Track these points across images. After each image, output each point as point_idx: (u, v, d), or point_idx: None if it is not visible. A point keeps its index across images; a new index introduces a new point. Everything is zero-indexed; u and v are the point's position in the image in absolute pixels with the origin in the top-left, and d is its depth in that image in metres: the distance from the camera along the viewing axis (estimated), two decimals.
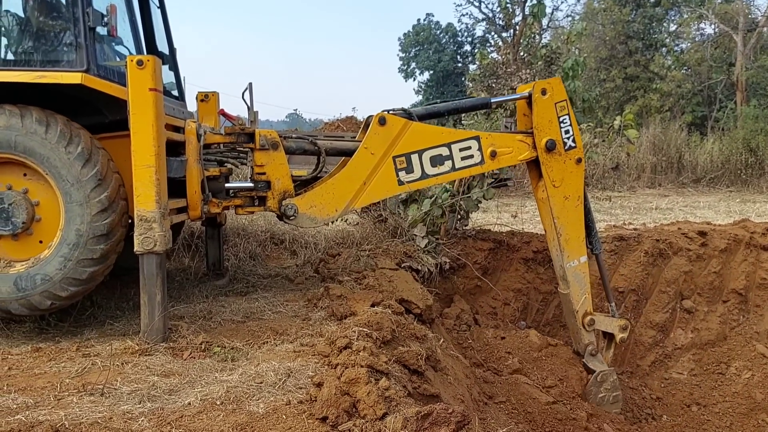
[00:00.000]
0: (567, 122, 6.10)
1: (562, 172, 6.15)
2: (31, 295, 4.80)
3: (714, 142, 22.49)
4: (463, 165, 5.91)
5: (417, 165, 5.77)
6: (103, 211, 4.81)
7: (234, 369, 4.24)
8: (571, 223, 6.28)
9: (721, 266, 8.65)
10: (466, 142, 5.89)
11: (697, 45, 35.38)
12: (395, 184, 5.79)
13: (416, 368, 4.52)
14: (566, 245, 6.29)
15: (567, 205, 6.23)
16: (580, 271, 6.39)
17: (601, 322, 6.64)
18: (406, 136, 5.73)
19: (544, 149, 6.05)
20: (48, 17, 5.21)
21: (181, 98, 6.62)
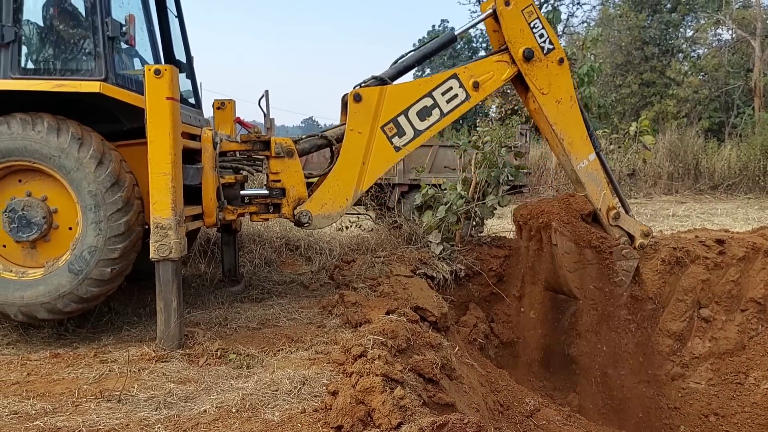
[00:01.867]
0: (539, 26, 5.92)
1: (547, 78, 6.00)
2: (54, 299, 4.85)
3: (731, 149, 22.28)
4: (451, 107, 5.87)
5: (407, 125, 5.75)
6: (119, 210, 4.85)
7: (249, 376, 4.25)
8: (570, 125, 6.13)
9: (740, 275, 8.55)
10: (445, 84, 5.83)
11: (714, 50, 35.09)
12: (393, 152, 5.78)
13: (431, 377, 4.50)
14: (571, 148, 6.15)
15: (561, 108, 6.09)
16: (592, 169, 6.24)
17: (626, 220, 6.44)
18: (385, 102, 5.68)
19: (523, 60, 5.89)
20: (67, 27, 5.28)
21: (198, 106, 6.67)
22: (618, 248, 6.31)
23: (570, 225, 6.18)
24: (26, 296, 4.86)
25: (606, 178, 6.44)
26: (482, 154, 8.18)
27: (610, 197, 6.33)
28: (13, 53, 4.96)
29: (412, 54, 6.08)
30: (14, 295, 4.87)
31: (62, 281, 4.86)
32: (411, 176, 11.96)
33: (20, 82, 4.91)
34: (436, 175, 11.62)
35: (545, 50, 5.96)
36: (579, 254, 6.20)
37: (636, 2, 34.80)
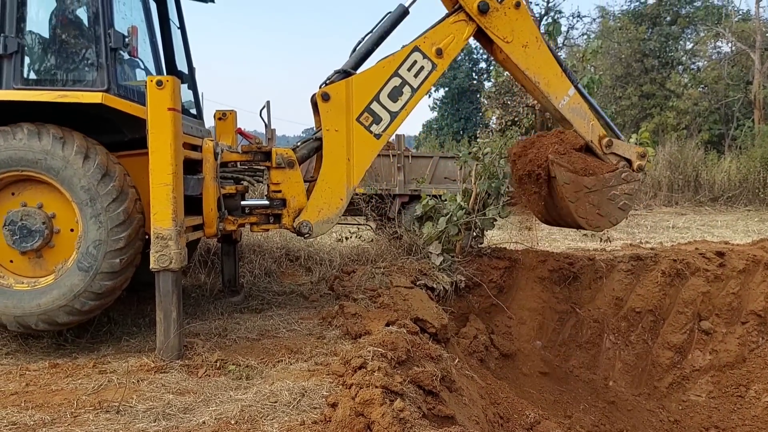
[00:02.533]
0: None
1: (508, 25, 5.90)
2: (50, 310, 4.84)
3: (731, 161, 22.32)
4: (420, 80, 5.78)
5: (381, 111, 5.70)
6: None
7: (248, 387, 4.24)
8: (542, 66, 6.05)
9: (740, 287, 8.55)
10: (409, 59, 5.75)
11: (714, 63, 35.24)
12: (374, 140, 5.74)
13: (431, 389, 4.49)
14: (549, 88, 6.07)
15: (529, 52, 5.99)
16: (574, 104, 6.17)
17: (619, 146, 6.37)
18: (354, 93, 5.63)
19: (479, 14, 5.79)
20: (70, 37, 5.30)
21: (199, 117, 6.69)
22: (617, 172, 6.19)
23: (566, 155, 6.10)
24: (42, 303, 4.85)
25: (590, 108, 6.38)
26: (482, 165, 8.20)
27: (599, 127, 6.29)
28: (15, 64, 4.98)
29: (369, 37, 5.96)
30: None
31: (74, 281, 4.85)
32: (411, 187, 11.98)
33: (23, 92, 4.93)
34: (436, 186, 11.64)
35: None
36: (578, 183, 6.08)
37: (636, 15, 34.99)
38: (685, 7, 35.81)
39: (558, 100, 6.11)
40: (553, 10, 32.34)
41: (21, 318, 4.87)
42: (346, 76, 5.73)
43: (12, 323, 4.91)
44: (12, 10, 4.98)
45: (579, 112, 6.19)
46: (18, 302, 4.86)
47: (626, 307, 8.34)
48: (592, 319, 8.24)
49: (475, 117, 42.63)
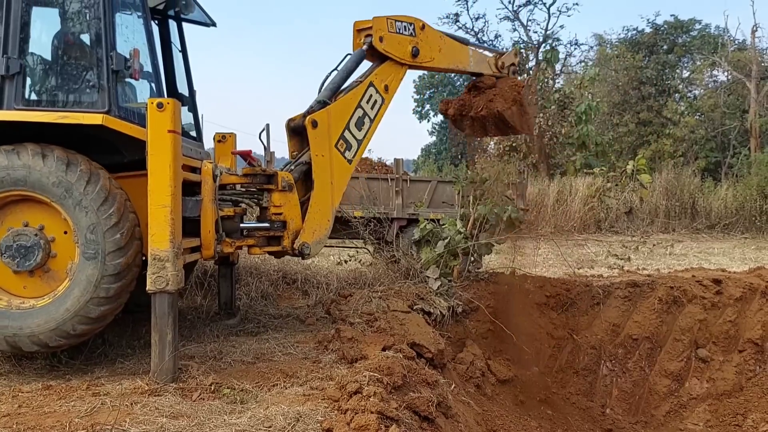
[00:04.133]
0: (401, 26, 6.50)
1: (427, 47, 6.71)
2: (42, 331, 4.81)
3: (728, 188, 22.40)
4: (375, 112, 6.39)
5: (350, 138, 6.19)
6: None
7: (243, 412, 4.21)
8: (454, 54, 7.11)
9: (737, 315, 8.53)
10: (367, 93, 6.31)
11: (711, 91, 35.52)
12: (347, 165, 6.22)
13: (427, 415, 4.47)
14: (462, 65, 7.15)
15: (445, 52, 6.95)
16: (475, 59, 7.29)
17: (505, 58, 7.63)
18: (332, 122, 6.04)
19: (413, 58, 6.57)
20: (72, 59, 5.34)
21: (199, 139, 6.72)
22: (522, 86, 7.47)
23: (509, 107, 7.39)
24: (34, 325, 4.82)
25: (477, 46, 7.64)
26: (480, 190, 8.22)
27: (491, 58, 7.55)
28: (17, 84, 5.01)
29: (336, 74, 6.38)
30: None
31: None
32: (410, 211, 11.99)
33: (24, 113, 4.95)
34: (434, 210, 11.64)
35: (414, 33, 6.60)
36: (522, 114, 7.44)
37: (633, 43, 35.36)
38: (682, 36, 36.20)
39: (468, 65, 7.29)
40: (551, 37, 32.70)
41: (12, 339, 4.84)
42: (324, 105, 6.09)
43: (1, 343, 4.87)
44: (15, 32, 5.02)
45: (480, 61, 7.42)
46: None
47: (623, 333, 8.31)
48: (589, 346, 8.21)
49: (473, 142, 42.83)
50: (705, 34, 35.93)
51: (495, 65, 7.54)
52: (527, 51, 30.63)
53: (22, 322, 4.84)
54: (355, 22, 6.48)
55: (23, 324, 4.83)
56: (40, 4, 5.35)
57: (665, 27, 35.69)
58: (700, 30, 36.32)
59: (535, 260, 11.36)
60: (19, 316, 4.86)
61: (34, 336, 4.84)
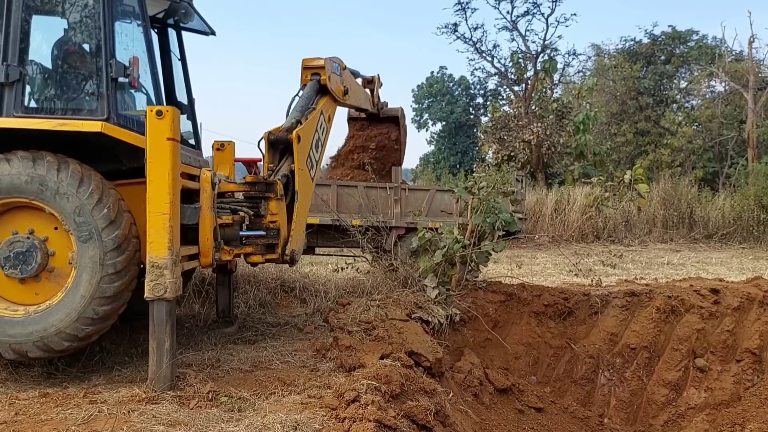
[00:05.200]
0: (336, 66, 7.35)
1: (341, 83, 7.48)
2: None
3: (725, 198, 22.44)
4: (324, 137, 6.98)
5: (313, 157, 6.65)
6: (116, 249, 4.85)
7: (240, 420, 4.20)
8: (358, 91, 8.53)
9: (735, 325, 8.54)
10: (319, 119, 6.86)
11: (708, 102, 35.64)
12: (311, 183, 6.66)
13: (425, 423, 4.46)
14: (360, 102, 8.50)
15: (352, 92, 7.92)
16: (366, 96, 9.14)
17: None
18: (302, 142, 6.35)
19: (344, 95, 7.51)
20: (72, 67, 5.36)
21: (198, 147, 6.74)
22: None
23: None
24: (37, 330, 4.82)
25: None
26: (478, 199, 8.23)
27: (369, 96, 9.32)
28: (17, 92, 5.03)
29: (301, 99, 6.87)
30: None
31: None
32: (408, 219, 11.99)
33: (23, 120, 4.97)
34: (432, 219, 11.64)
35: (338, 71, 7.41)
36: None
37: (630, 54, 35.48)
38: (680, 47, 36.33)
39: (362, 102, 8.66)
40: (549, 47, 32.79)
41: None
42: (298, 125, 6.43)
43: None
44: (15, 40, 5.04)
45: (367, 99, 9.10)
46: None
47: (621, 343, 8.31)
48: (587, 355, 8.20)
49: (471, 151, 42.92)
50: (702, 45, 36.08)
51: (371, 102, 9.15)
52: (526, 61, 30.71)
53: (44, 323, 4.83)
54: (304, 60, 7.08)
55: (46, 324, 4.83)
56: (41, 12, 5.37)
57: (663, 37, 35.83)
58: (698, 41, 36.46)
59: (532, 269, 11.37)
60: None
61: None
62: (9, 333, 4.84)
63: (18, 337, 4.83)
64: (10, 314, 4.90)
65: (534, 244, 18.13)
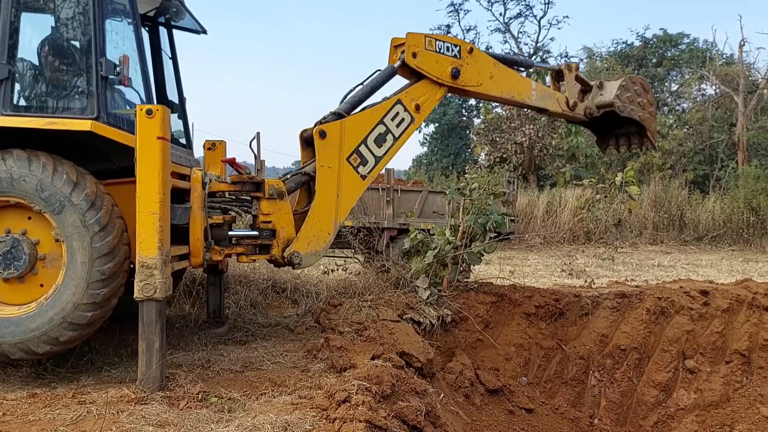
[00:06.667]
0: (442, 45, 6.34)
1: (475, 71, 6.50)
2: (29, 339, 4.77)
3: (715, 201, 22.58)
4: (401, 131, 6.25)
5: (367, 153, 6.07)
6: (106, 255, 4.83)
7: (230, 420, 4.18)
8: (509, 83, 6.73)
9: (724, 326, 8.57)
10: (393, 109, 6.20)
11: (699, 105, 35.89)
12: (360, 180, 6.09)
13: (415, 424, 4.45)
14: (520, 96, 6.77)
15: (496, 79, 6.64)
16: (540, 92, 6.89)
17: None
18: (346, 134, 5.95)
19: (453, 80, 6.38)
20: (61, 65, 5.33)
21: (189, 146, 6.71)
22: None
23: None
24: (19, 333, 4.79)
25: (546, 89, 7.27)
26: (470, 200, 8.24)
27: (561, 96, 7.13)
28: (6, 90, 4.99)
29: (361, 88, 6.35)
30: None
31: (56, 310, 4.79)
32: (400, 221, 12.01)
33: (12, 118, 4.93)
34: (425, 220, 11.67)
35: (459, 55, 6.42)
36: None
37: (622, 56, 35.69)
38: (671, 50, 36.60)
39: (530, 99, 6.88)
40: (541, 50, 32.95)
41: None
42: (339, 117, 6.00)
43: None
44: (4, 37, 5.01)
45: (546, 95, 7.03)
46: (42, 314, 4.82)
47: (611, 344, 8.33)
48: (578, 356, 8.21)
49: (464, 153, 43.02)
50: (693, 48, 36.36)
51: (566, 104, 7.21)
52: None
53: (46, 315, 4.81)
54: (393, 39, 6.38)
55: (51, 315, 4.80)
56: (30, 9, 5.33)
57: (654, 41, 36.09)
58: (689, 44, 36.75)
59: (524, 270, 11.40)
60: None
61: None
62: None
63: (6, 337, 4.80)
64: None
65: (525, 245, 18.19)
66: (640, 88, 7.40)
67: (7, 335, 4.80)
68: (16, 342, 4.80)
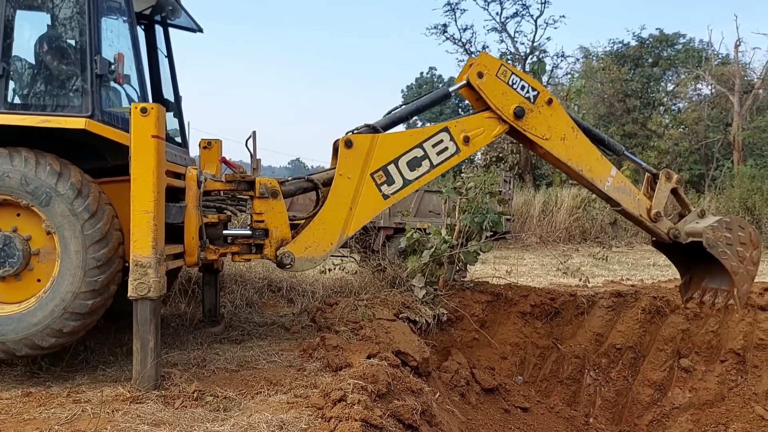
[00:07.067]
0: (518, 81, 5.87)
1: (544, 123, 5.95)
2: (32, 333, 4.75)
3: (711, 200, 22.64)
4: (441, 159, 5.86)
5: (396, 174, 5.74)
6: (99, 241, 4.81)
7: (226, 419, 4.17)
8: (583, 154, 6.03)
9: (719, 325, 8.59)
10: (436, 136, 5.83)
11: (694, 105, 35.97)
12: (381, 199, 5.76)
13: (411, 423, 4.44)
14: (592, 174, 6.04)
15: (568, 144, 6.00)
16: (618, 183, 6.12)
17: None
18: (376, 150, 5.69)
19: (515, 118, 5.88)
20: (56, 63, 5.31)
21: (184, 145, 6.70)
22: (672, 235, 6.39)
23: None
24: (22, 328, 4.78)
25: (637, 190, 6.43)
26: (466, 199, 8.24)
27: (645, 200, 6.29)
28: (0, 88, 4.97)
29: (405, 107, 6.13)
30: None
31: (56, 302, 4.79)
32: (396, 220, 12.01)
33: (6, 116, 4.91)
34: (421, 219, 11.68)
35: (532, 99, 5.94)
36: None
37: (618, 56, 35.73)
38: (667, 50, 36.65)
39: (603, 183, 6.10)
40: (537, 49, 33.01)
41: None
42: (374, 132, 5.79)
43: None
44: None
45: (624, 190, 6.19)
46: (44, 307, 4.81)
47: (607, 343, 8.34)
48: (573, 355, 8.23)
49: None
50: (689, 48, 36.41)
51: (647, 211, 6.37)
52: (514, 62, 30.83)
53: (47, 308, 4.80)
54: (469, 59, 6.05)
55: (52, 308, 4.79)
56: (25, 7, 5.32)
57: (650, 40, 36.13)
58: (685, 44, 36.80)
59: (520, 270, 11.41)
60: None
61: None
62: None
63: (9, 334, 4.79)
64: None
65: (521, 244, 18.20)
66: (747, 237, 6.34)
67: (10, 332, 4.78)
68: (21, 338, 4.78)
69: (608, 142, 6.29)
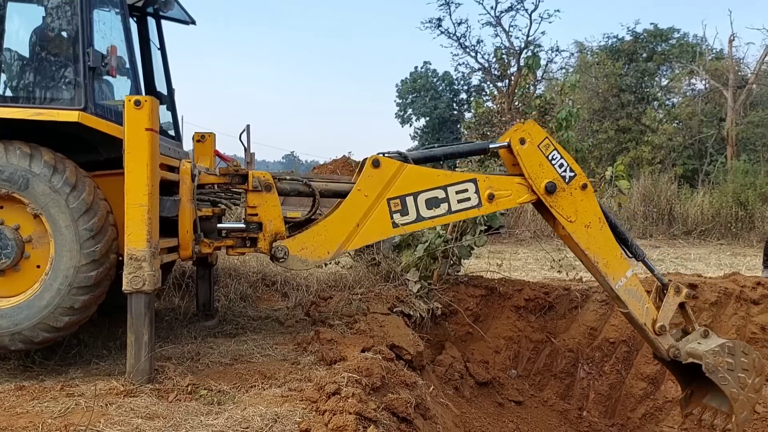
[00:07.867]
0: (557, 157, 5.79)
1: (573, 206, 5.85)
2: (45, 316, 4.74)
3: (704, 195, 22.70)
4: (460, 208, 5.74)
5: (412, 207, 5.64)
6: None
7: (220, 413, 4.17)
8: (603, 247, 5.93)
9: (712, 319, 8.62)
10: (462, 184, 5.72)
11: (688, 100, 36.08)
12: (389, 226, 5.65)
13: (405, 416, 4.46)
14: (607, 269, 5.93)
15: (591, 233, 5.89)
16: (631, 286, 5.98)
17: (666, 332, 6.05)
18: (400, 178, 5.62)
19: (545, 192, 5.79)
20: (48, 56, 5.27)
21: (178, 138, 6.67)
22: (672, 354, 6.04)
23: None
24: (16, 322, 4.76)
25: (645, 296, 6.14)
26: None
27: (654, 310, 6.07)
28: None
29: (442, 148, 6.13)
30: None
31: (49, 297, 4.78)
32: None
33: None
34: None
35: (567, 179, 5.84)
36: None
37: (613, 51, 35.78)
38: (661, 45, 36.71)
39: (615, 282, 5.97)
40: (532, 44, 32.97)
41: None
42: (404, 160, 5.73)
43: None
44: None
45: (635, 294, 6.03)
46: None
47: (600, 337, 8.37)
48: (567, 349, 8.26)
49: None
50: (683, 43, 36.51)
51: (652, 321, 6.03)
52: (509, 57, 30.83)
53: (53, 287, 4.78)
54: (516, 124, 5.96)
55: (57, 287, 4.78)
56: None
57: (645, 35, 36.19)
58: (679, 39, 36.88)
59: (513, 264, 11.42)
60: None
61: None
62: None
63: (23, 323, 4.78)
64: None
65: (516, 239, 18.22)
66: (750, 363, 5.96)
67: (23, 320, 4.76)
68: (35, 324, 4.76)
69: (631, 243, 6.16)
